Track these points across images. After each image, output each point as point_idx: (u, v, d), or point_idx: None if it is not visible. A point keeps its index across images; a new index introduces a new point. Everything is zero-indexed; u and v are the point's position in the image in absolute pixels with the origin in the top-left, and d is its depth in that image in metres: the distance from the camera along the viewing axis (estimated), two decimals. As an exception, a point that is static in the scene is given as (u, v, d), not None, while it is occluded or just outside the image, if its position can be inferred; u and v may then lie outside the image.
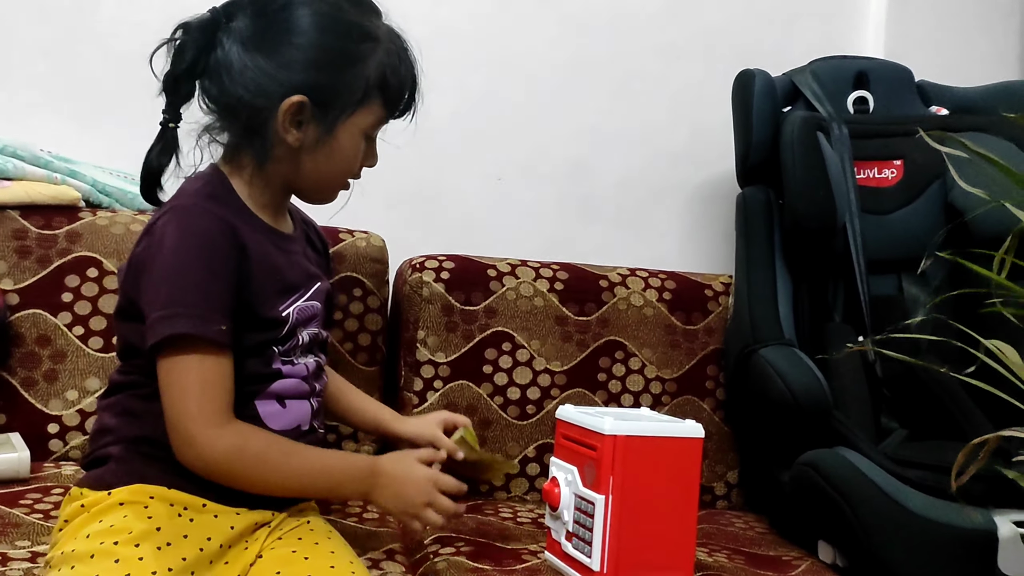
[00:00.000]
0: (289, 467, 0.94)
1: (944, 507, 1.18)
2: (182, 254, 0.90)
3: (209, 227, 0.91)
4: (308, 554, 0.94)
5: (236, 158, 0.99)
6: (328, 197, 1.05)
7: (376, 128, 1.01)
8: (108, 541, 0.86)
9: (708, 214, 1.89)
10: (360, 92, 0.97)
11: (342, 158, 0.99)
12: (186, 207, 0.93)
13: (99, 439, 0.96)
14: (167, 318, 0.88)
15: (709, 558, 1.24)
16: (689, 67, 1.86)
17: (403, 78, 1.00)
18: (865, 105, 1.64)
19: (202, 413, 0.89)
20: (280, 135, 0.95)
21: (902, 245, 1.57)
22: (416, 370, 1.48)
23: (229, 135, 0.99)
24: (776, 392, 1.36)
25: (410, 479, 1.00)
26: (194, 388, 0.89)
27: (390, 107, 1.01)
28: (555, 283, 1.57)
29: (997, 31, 1.97)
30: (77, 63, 1.61)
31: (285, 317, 0.97)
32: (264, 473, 0.93)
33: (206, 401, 0.89)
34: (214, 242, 0.91)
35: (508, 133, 1.80)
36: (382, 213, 1.69)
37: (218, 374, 0.90)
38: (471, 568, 1.11)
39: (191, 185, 0.97)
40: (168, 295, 0.89)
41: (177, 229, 0.91)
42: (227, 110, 0.96)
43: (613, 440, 1.04)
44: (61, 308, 1.35)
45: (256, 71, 0.93)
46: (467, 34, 1.77)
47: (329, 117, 0.96)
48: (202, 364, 0.89)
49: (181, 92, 0.96)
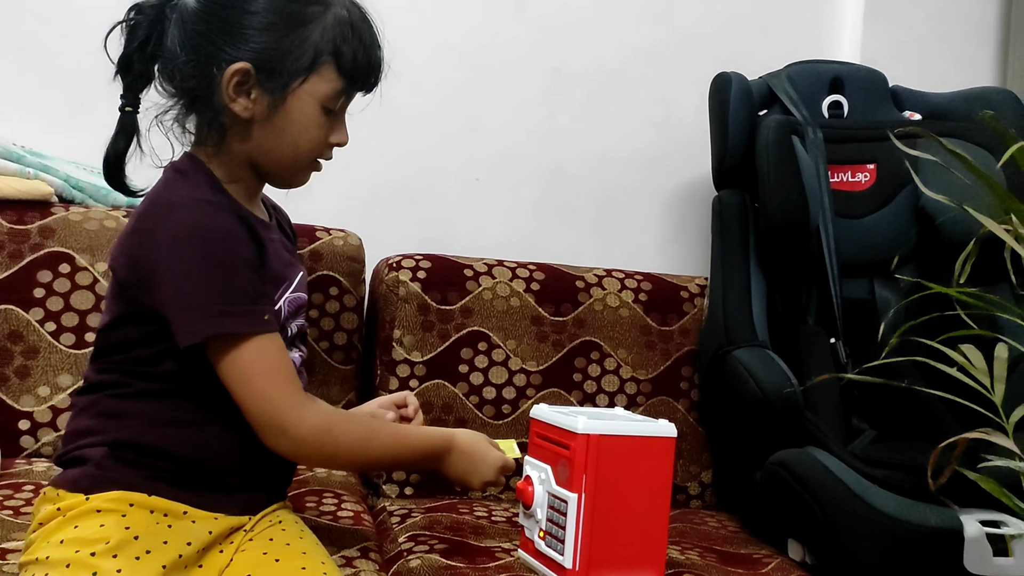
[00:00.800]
0: (372, 445, 0.99)
1: (911, 506, 1.20)
2: (209, 252, 0.88)
3: (226, 221, 0.91)
4: (279, 556, 0.93)
5: (201, 143, 0.97)
6: (295, 177, 1.01)
7: (335, 100, 0.96)
8: (84, 551, 0.84)
9: (684, 216, 1.90)
10: (308, 57, 0.93)
11: (298, 129, 0.95)
12: (192, 204, 0.91)
13: (77, 439, 0.93)
14: (213, 316, 0.87)
15: (682, 556, 1.25)
16: (666, 70, 1.88)
17: (358, 46, 0.96)
18: (840, 110, 1.66)
19: (284, 398, 0.90)
20: (228, 106, 0.93)
21: (874, 249, 1.59)
22: (392, 369, 1.49)
23: (191, 120, 0.97)
24: (749, 393, 1.38)
25: (484, 461, 1.07)
26: (267, 378, 0.90)
27: (348, 77, 0.96)
28: (531, 283, 1.58)
29: (971, 38, 2.00)
30: (51, 58, 1.60)
31: (278, 310, 0.97)
32: (350, 451, 0.97)
33: (282, 386, 0.90)
34: (237, 235, 0.90)
35: (486, 134, 1.80)
36: (359, 212, 1.69)
37: (283, 359, 0.92)
38: (444, 566, 1.12)
39: (177, 179, 0.95)
40: (205, 293, 0.87)
41: (195, 227, 0.88)
42: (179, 88, 0.94)
43: (587, 439, 1.05)
44: (33, 304, 1.34)
45: (199, 40, 0.92)
46: (446, 34, 1.77)
47: (277, 84, 0.93)
48: (263, 354, 0.90)
49: (134, 73, 0.94)
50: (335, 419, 0.97)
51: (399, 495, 1.47)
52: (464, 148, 1.79)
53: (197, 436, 0.92)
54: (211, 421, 0.93)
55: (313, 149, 0.98)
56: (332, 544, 1.11)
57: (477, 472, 1.06)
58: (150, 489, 0.90)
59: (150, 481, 0.90)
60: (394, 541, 1.23)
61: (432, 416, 1.47)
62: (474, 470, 1.06)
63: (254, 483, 0.98)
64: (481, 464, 1.06)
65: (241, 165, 0.98)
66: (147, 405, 0.92)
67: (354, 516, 1.24)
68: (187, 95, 0.94)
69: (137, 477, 0.90)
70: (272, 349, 0.90)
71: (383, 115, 1.72)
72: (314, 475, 1.37)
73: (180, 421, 0.92)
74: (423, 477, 1.47)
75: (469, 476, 1.06)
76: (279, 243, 1.03)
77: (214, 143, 0.96)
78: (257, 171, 0.99)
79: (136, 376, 0.92)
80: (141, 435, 0.91)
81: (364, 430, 0.99)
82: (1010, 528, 1.19)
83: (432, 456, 1.04)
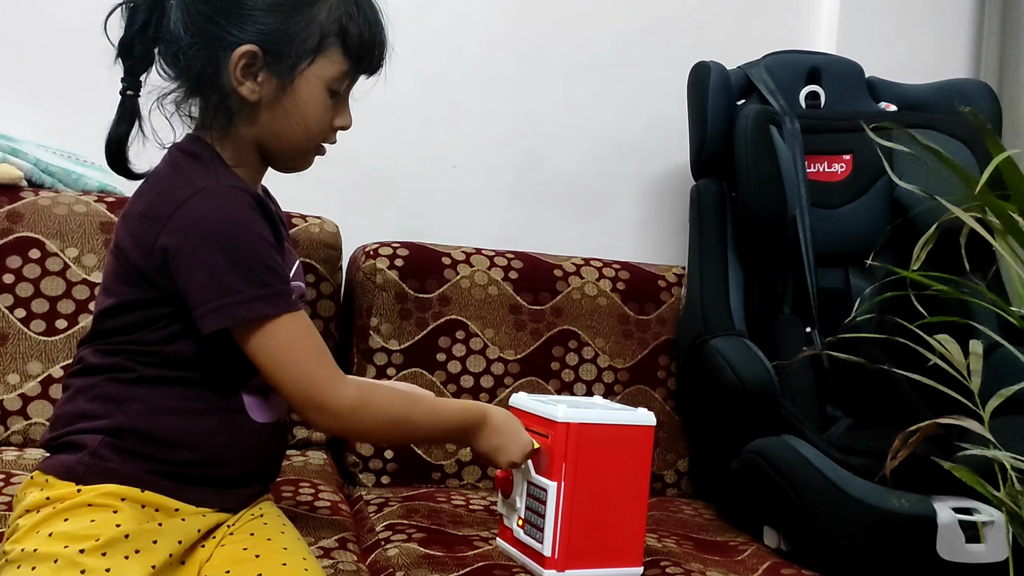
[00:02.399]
0: (411, 418, 0.99)
1: (885, 493, 1.21)
2: (232, 236, 0.87)
3: (251, 206, 0.90)
4: (260, 551, 0.92)
5: (207, 126, 0.95)
6: (301, 161, 1.01)
7: (340, 82, 0.96)
8: (73, 547, 0.82)
9: (662, 206, 1.91)
10: (315, 38, 0.92)
11: (307, 112, 0.95)
12: (219, 190, 0.89)
13: (72, 422, 0.90)
14: (247, 300, 0.87)
15: (659, 543, 1.26)
16: (644, 58, 1.88)
17: (364, 26, 0.96)
18: (817, 100, 1.67)
19: (320, 375, 0.90)
20: (235, 89, 0.92)
21: (849, 239, 1.60)
22: (369, 357, 1.48)
23: (194, 102, 0.95)
24: (726, 381, 1.38)
25: (516, 441, 1.07)
26: (302, 355, 0.90)
27: (353, 59, 0.96)
28: (509, 272, 1.57)
29: (947, 29, 2.02)
30: (20, 40, 1.56)
31: None
32: (388, 425, 0.97)
33: (319, 363, 0.91)
34: (261, 220, 0.90)
35: (463, 121, 1.79)
36: (336, 199, 1.67)
37: (314, 335, 0.92)
38: (422, 555, 1.11)
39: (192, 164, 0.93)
40: (238, 278, 0.87)
41: (217, 212, 0.88)
42: (182, 71, 0.93)
43: (566, 427, 1.05)
44: (2, 290, 1.31)
45: (203, 22, 0.90)
46: (421, 21, 1.75)
47: (285, 66, 0.92)
48: (297, 332, 0.90)
49: (135, 56, 0.93)
50: (372, 393, 0.97)
51: (376, 484, 1.46)
52: (441, 136, 1.78)
53: (199, 425, 0.91)
54: (213, 410, 0.92)
55: (320, 132, 0.98)
56: (309, 534, 1.11)
57: (506, 450, 1.06)
58: (145, 483, 0.88)
59: (147, 474, 0.88)
60: (371, 530, 1.23)
61: (409, 405, 1.47)
62: (504, 447, 1.06)
63: (252, 476, 0.97)
64: (512, 443, 1.06)
65: (247, 149, 0.96)
66: (149, 391, 0.90)
67: (331, 506, 1.23)
68: (191, 78, 0.93)
69: (134, 470, 0.88)
70: (303, 327, 0.91)
71: (360, 103, 1.71)
72: (290, 464, 1.36)
73: (182, 409, 0.91)
74: (399, 466, 1.46)
75: (498, 453, 1.06)
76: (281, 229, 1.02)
77: (221, 127, 0.94)
78: (263, 155, 0.98)
79: (140, 360, 0.90)
80: (142, 422, 0.89)
81: (401, 404, 0.99)
82: (982, 515, 1.20)
83: (467, 429, 1.04)
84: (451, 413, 1.04)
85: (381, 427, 0.97)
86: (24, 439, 1.31)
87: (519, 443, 1.07)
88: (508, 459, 1.07)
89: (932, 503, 1.20)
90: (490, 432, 1.05)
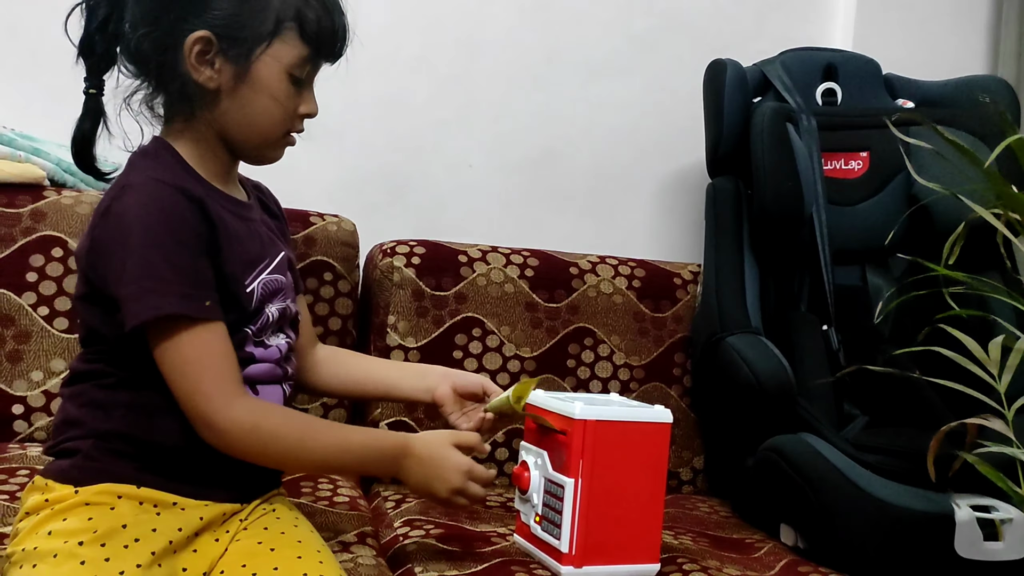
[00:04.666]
0: (308, 445, 0.93)
1: (903, 491, 1.21)
2: (152, 232, 0.86)
3: (175, 202, 0.88)
4: (275, 545, 0.93)
5: (170, 122, 0.96)
6: (268, 151, 0.99)
7: (301, 68, 0.95)
8: (72, 541, 0.84)
9: (677, 203, 1.91)
10: (270, 23, 0.92)
11: (266, 98, 0.94)
12: (145, 184, 0.89)
13: (65, 430, 0.92)
14: (148, 299, 0.85)
15: (675, 541, 1.26)
16: (660, 56, 1.87)
17: (321, 11, 0.95)
18: (833, 97, 1.67)
19: (214, 391, 0.87)
20: (193, 77, 0.91)
21: (866, 236, 1.60)
22: (386, 355, 1.48)
23: (158, 99, 0.95)
24: (742, 379, 1.39)
25: (443, 466, 0.98)
26: (198, 367, 0.87)
27: (311, 44, 0.95)
28: (525, 270, 1.58)
29: (964, 25, 2.01)
30: (42, 41, 1.58)
31: (250, 293, 0.95)
32: (284, 450, 0.92)
33: (212, 377, 0.87)
34: (182, 216, 0.88)
35: (479, 120, 1.80)
36: (353, 198, 1.68)
37: (219, 349, 0.88)
38: (440, 550, 1.12)
39: (141, 161, 0.93)
40: (144, 275, 0.85)
41: (142, 208, 0.87)
42: (143, 65, 0.93)
43: (583, 424, 1.05)
44: (25, 288, 1.33)
45: (159, 11, 0.90)
46: (439, 20, 1.76)
47: (241, 51, 0.91)
48: (197, 341, 0.87)
49: (96, 53, 0.93)
50: (266, 416, 0.91)
51: (393, 480, 1.47)
52: (458, 134, 1.79)
53: (184, 424, 0.90)
54: None
55: (284, 119, 0.96)
56: (329, 529, 1.12)
57: (439, 478, 0.98)
58: (139, 481, 0.89)
59: (139, 472, 0.89)
60: (390, 526, 1.24)
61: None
62: (435, 476, 0.97)
63: (244, 470, 0.95)
64: (441, 470, 0.98)
65: (212, 141, 0.96)
66: (133, 394, 0.90)
67: (350, 501, 1.24)
68: (151, 71, 0.93)
69: (127, 468, 0.89)
70: (208, 338, 0.87)
71: (377, 101, 1.73)
72: (309, 460, 1.37)
73: (165, 408, 0.90)
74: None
75: (431, 484, 0.98)
76: (258, 223, 1.01)
77: (183, 119, 0.94)
78: (229, 146, 0.97)
79: (115, 364, 0.91)
80: (128, 426, 0.90)
81: (300, 430, 0.93)
82: (1000, 513, 1.20)
83: (383, 461, 0.98)
84: (361, 442, 0.97)
85: (273, 452, 0.92)
86: (47, 435, 1.32)
87: (449, 466, 0.98)
88: (447, 486, 0.98)
89: (950, 501, 1.20)
90: (414, 462, 0.97)
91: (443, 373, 1.16)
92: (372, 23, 1.69)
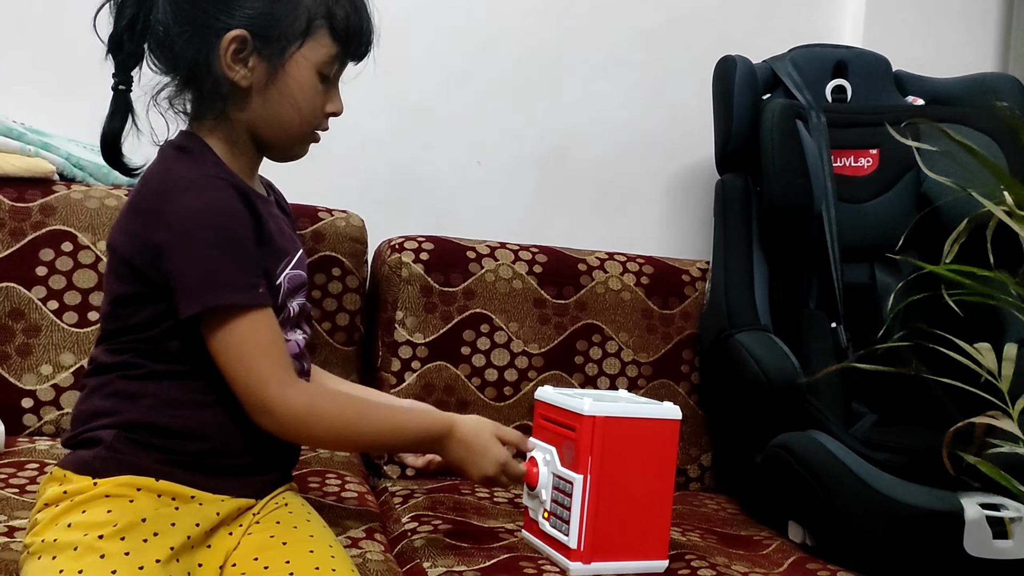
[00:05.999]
0: (362, 427, 0.97)
1: (912, 489, 1.21)
2: (213, 228, 0.88)
3: (230, 196, 0.90)
4: (287, 539, 0.93)
5: (199, 117, 0.96)
6: (295, 148, 1.01)
7: (330, 66, 0.97)
8: (92, 534, 0.84)
9: (686, 200, 1.90)
10: (303, 21, 0.93)
11: (299, 96, 0.95)
12: (199, 181, 0.90)
13: (89, 420, 0.92)
14: (209, 288, 0.87)
15: (683, 537, 1.26)
16: (669, 53, 1.87)
17: (351, 9, 0.96)
18: (843, 94, 1.66)
19: (271, 376, 0.89)
20: (227, 75, 0.92)
21: (876, 234, 1.59)
22: (394, 350, 1.49)
23: (186, 95, 0.96)
24: (751, 375, 1.38)
25: (483, 454, 1.04)
26: (256, 353, 0.89)
27: (341, 42, 0.96)
28: (534, 266, 1.58)
29: (974, 23, 2.00)
30: (51, 35, 1.58)
31: (278, 286, 0.96)
32: (339, 433, 0.95)
33: (270, 363, 0.89)
34: (238, 210, 0.90)
35: (488, 117, 1.80)
36: (361, 194, 1.69)
37: (273, 336, 0.91)
38: (449, 545, 1.12)
39: (182, 156, 0.94)
40: (205, 267, 0.87)
41: (203, 204, 0.88)
42: (173, 63, 0.94)
43: (592, 421, 1.05)
44: (35, 282, 1.34)
45: (191, 10, 0.91)
46: (448, 17, 1.76)
47: (274, 50, 0.93)
48: (256, 329, 0.89)
49: (125, 51, 0.94)
50: (321, 398, 0.96)
51: (400, 476, 1.47)
52: (466, 132, 1.79)
53: (210, 417, 0.92)
54: (223, 401, 0.92)
55: (312, 118, 0.98)
56: (337, 524, 1.12)
57: (475, 464, 1.04)
58: (160, 473, 0.89)
59: (161, 464, 0.90)
60: (397, 521, 1.24)
61: (434, 398, 1.48)
62: (472, 461, 1.03)
63: (265, 465, 0.98)
64: (479, 457, 1.03)
65: (241, 138, 0.97)
66: (159, 386, 0.92)
67: (358, 497, 1.24)
68: (183, 69, 0.94)
69: (148, 460, 0.90)
70: (263, 324, 0.90)
71: (386, 97, 1.73)
72: (316, 455, 1.37)
73: (193, 402, 0.92)
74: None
75: (467, 466, 1.04)
76: (280, 219, 1.03)
77: (213, 116, 0.95)
78: (257, 143, 0.99)
79: (148, 356, 0.92)
80: (155, 416, 0.90)
81: (353, 410, 0.97)
82: (1010, 511, 1.20)
83: (432, 439, 1.03)
84: (412, 421, 1.02)
85: (331, 435, 0.96)
86: (56, 429, 1.33)
87: (488, 457, 1.04)
88: (480, 472, 1.04)
89: (959, 499, 1.20)
90: (456, 443, 1.03)
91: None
92: (382, 20, 1.69)
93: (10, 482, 1.11)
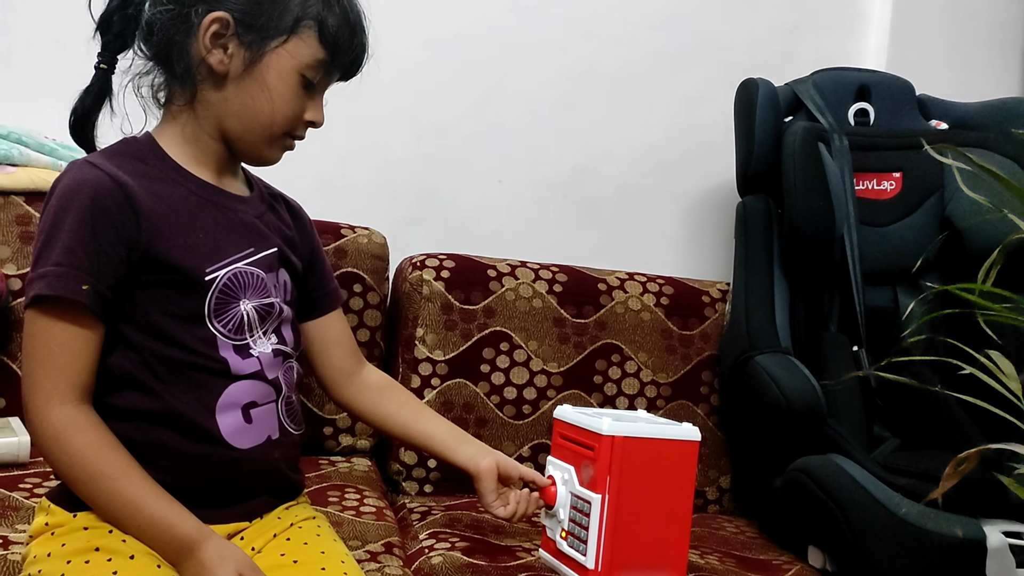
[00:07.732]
0: (102, 486, 0.84)
1: (934, 515, 1.19)
2: (59, 211, 0.85)
3: (93, 182, 0.85)
4: (298, 556, 0.91)
5: (170, 103, 0.94)
6: (265, 149, 0.95)
7: (315, 71, 0.93)
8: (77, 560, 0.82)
9: (707, 221, 1.90)
10: (291, 17, 0.90)
11: (275, 92, 0.92)
12: (78, 164, 0.87)
13: None
14: (33, 279, 0.83)
15: (701, 560, 1.26)
16: (691, 75, 1.88)
17: (343, 20, 0.93)
18: (866, 117, 1.66)
19: (39, 387, 0.83)
20: (203, 57, 0.89)
21: (898, 257, 1.59)
22: (414, 367, 1.49)
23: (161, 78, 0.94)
24: (771, 398, 1.38)
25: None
26: (38, 357, 0.83)
27: (329, 49, 0.93)
28: (554, 285, 1.58)
29: (998, 47, 1.99)
30: (83, 52, 1.61)
31: (210, 282, 0.90)
32: (77, 479, 0.84)
33: (45, 373, 0.83)
34: (94, 198, 0.84)
35: (510, 137, 1.81)
36: (384, 211, 1.70)
37: (64, 344, 0.83)
38: (466, 563, 1.12)
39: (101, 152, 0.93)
40: (37, 254, 0.84)
41: (60, 187, 0.86)
42: (156, 45, 0.92)
43: (611, 440, 1.05)
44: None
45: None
46: (472, 38, 1.78)
47: (255, 39, 0.90)
48: (48, 330, 0.83)
49: (113, 31, 0.93)
50: (76, 435, 0.83)
51: (419, 492, 1.48)
52: (488, 151, 1.80)
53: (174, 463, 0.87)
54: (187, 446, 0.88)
55: (288, 119, 0.94)
56: (356, 538, 1.12)
57: None
58: None
59: None
60: (415, 538, 1.24)
61: (453, 415, 1.48)
62: None
63: (251, 490, 0.93)
64: None
65: (207, 127, 0.94)
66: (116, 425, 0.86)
67: (376, 512, 1.25)
68: (161, 47, 0.92)
69: None
70: (60, 328, 0.83)
71: (409, 116, 1.75)
72: (336, 470, 1.38)
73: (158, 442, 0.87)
74: (441, 475, 1.48)
75: None
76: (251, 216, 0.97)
77: (183, 101, 0.93)
78: (226, 137, 0.94)
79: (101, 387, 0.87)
80: None
81: (102, 468, 0.83)
82: (1033, 539, 1.18)
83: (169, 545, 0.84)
84: (155, 512, 0.84)
85: (68, 475, 0.84)
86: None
87: None
88: None
89: (982, 526, 1.18)
90: (195, 568, 0.82)
91: (488, 449, 1.14)
92: (407, 39, 1.72)
93: (35, 492, 1.12)
